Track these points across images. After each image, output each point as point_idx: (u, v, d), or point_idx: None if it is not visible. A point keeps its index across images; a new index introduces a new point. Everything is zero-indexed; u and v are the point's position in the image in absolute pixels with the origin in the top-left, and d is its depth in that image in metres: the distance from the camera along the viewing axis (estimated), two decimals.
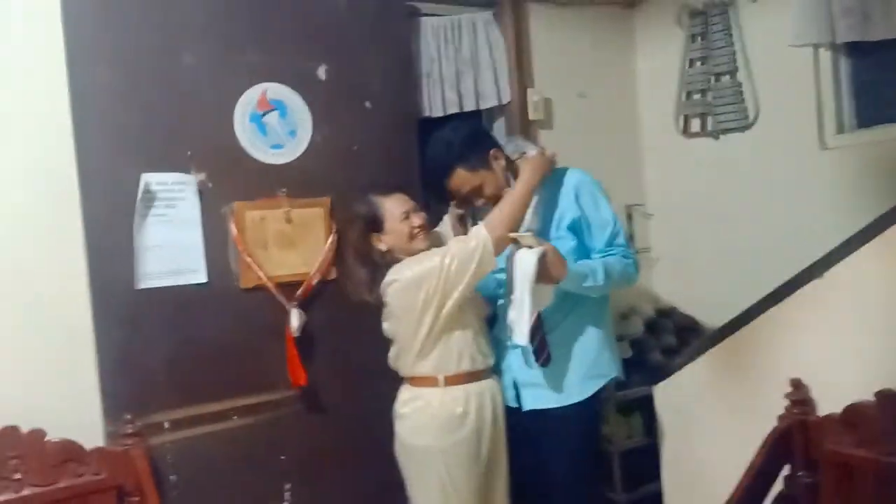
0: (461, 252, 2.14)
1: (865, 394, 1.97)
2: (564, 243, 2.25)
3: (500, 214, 2.18)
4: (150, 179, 2.33)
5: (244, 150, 2.50)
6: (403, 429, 2.28)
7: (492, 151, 2.31)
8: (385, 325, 2.31)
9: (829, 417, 2.07)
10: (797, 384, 2.14)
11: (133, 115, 2.33)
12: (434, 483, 2.20)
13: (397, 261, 2.25)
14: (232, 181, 2.47)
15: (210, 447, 2.40)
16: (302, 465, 2.55)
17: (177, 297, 2.36)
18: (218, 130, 2.45)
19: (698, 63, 3.38)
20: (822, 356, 2.11)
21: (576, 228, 2.29)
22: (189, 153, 2.40)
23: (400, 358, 2.30)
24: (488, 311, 2.39)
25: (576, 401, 2.28)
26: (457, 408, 2.21)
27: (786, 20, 2.95)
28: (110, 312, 2.27)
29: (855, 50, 2.95)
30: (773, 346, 2.24)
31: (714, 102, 3.33)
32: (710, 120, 3.37)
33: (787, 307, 2.22)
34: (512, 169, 2.33)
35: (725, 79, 3.29)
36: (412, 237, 2.26)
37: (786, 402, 2.14)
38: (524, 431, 2.32)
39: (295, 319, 2.47)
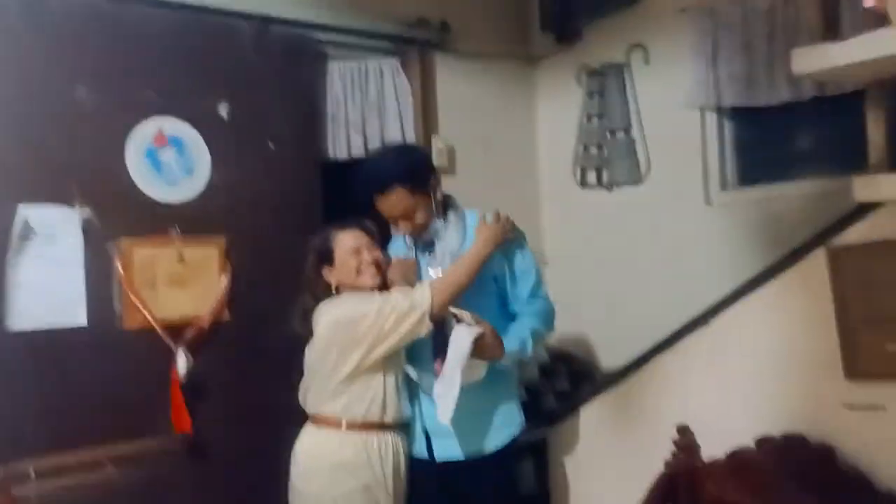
0: (400, 307, 2.08)
1: (748, 439, 2.05)
2: (489, 299, 2.23)
3: (449, 280, 2.14)
4: (29, 213, 2.20)
5: (136, 186, 2.41)
6: (296, 472, 2.19)
7: (432, 179, 2.28)
8: (307, 355, 2.23)
9: (713, 463, 2.13)
10: (683, 430, 2.20)
11: (11, 145, 2.21)
12: None
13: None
14: (121, 218, 2.37)
15: (81, 498, 2.24)
16: None
17: (53, 341, 2.23)
18: (108, 165, 2.37)
19: (595, 119, 3.51)
20: (708, 402, 2.20)
21: (497, 277, 2.27)
22: (75, 187, 2.29)
23: (310, 392, 2.21)
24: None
25: (492, 450, 2.24)
26: (354, 455, 2.14)
27: (677, 83, 3.13)
28: None
29: (739, 113, 3.14)
30: (661, 392, 2.32)
31: (609, 157, 3.46)
32: (605, 173, 3.50)
33: (675, 354, 2.30)
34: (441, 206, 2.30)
35: (620, 135, 3.43)
36: (359, 272, 2.20)
37: (673, 448, 2.20)
38: (436, 484, 2.24)
39: (182, 363, 2.36)
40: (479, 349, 2.03)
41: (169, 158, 2.47)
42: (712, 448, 2.15)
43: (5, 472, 2.10)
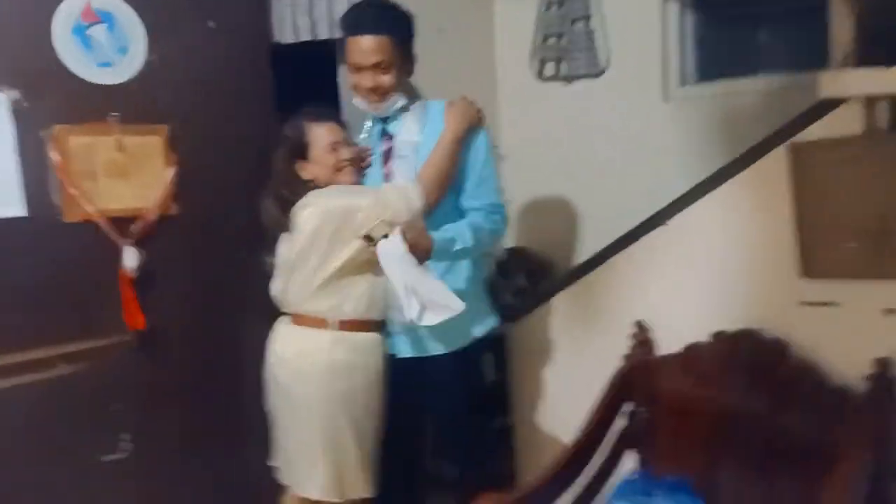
0: (396, 202, 1.98)
1: (705, 336, 2.09)
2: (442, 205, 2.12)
3: (434, 172, 2.06)
4: None
5: (65, 67, 2.19)
6: (285, 373, 2.14)
7: (412, 45, 2.20)
8: (281, 251, 2.14)
9: (667, 357, 2.19)
10: (640, 325, 2.24)
11: None
12: (316, 433, 2.10)
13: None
14: (53, 101, 2.17)
15: (31, 398, 2.16)
16: (141, 413, 2.35)
17: None
18: (34, 43, 2.14)
19: (555, 6, 3.37)
20: (666, 299, 2.22)
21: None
22: (1, 67, 2.08)
23: (291, 291, 2.14)
24: None
25: (459, 347, 2.24)
26: (346, 355, 2.10)
27: None
28: None
29: (701, 4, 3.05)
30: (620, 289, 2.33)
31: (568, 47, 3.35)
32: (563, 65, 3.40)
33: (633, 252, 2.30)
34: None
35: (580, 24, 3.31)
36: (338, 170, 2.11)
37: (630, 343, 2.24)
38: (403, 378, 2.22)
39: (130, 258, 2.24)
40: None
41: (99, 35, 2.25)
42: (669, 345, 2.19)
43: None
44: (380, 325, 2.20)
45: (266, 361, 2.21)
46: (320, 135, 2.13)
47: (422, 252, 1.97)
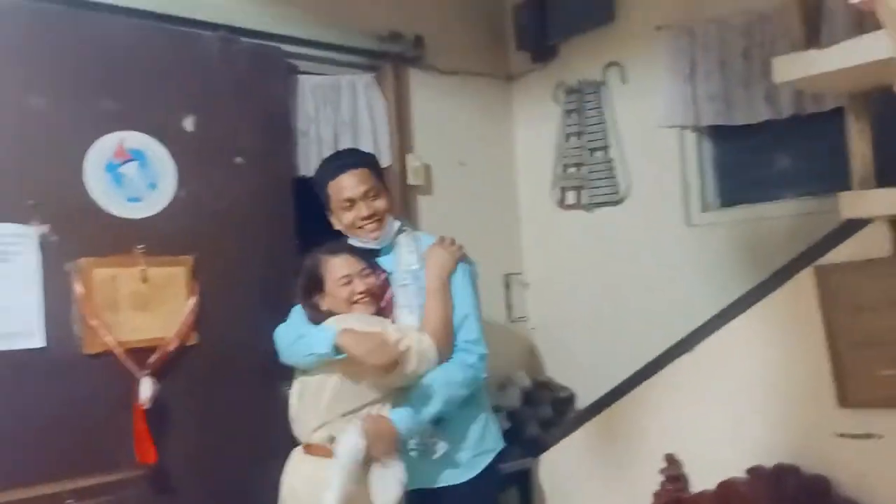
0: (415, 363, 2.04)
1: (738, 470, 1.98)
2: None
3: (437, 325, 2.12)
4: None
5: (95, 202, 2.28)
6: None
7: (385, 181, 2.34)
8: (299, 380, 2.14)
9: (702, 494, 2.06)
10: (671, 459, 2.13)
11: None
12: None
13: None
14: (81, 235, 2.24)
15: None
16: None
17: (7, 363, 2.08)
18: (66, 179, 2.23)
19: (574, 137, 3.45)
20: (696, 431, 2.12)
21: None
22: (31, 202, 2.16)
23: (299, 420, 2.11)
24: None
25: (469, 477, 2.17)
26: (361, 486, 1.98)
27: (655, 102, 3.09)
28: None
29: (719, 132, 3.11)
30: (647, 420, 2.24)
31: (588, 176, 3.40)
32: (584, 193, 3.44)
33: (660, 381, 2.23)
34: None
35: (599, 154, 3.38)
36: (351, 303, 2.13)
37: (661, 478, 2.12)
38: None
39: (146, 389, 2.21)
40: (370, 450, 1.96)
41: (131, 172, 2.35)
42: (701, 479, 2.08)
43: None
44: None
45: (279, 494, 2.13)
46: (334, 268, 2.15)
47: (388, 442, 1.99)
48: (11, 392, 2.09)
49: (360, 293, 2.14)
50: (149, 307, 2.31)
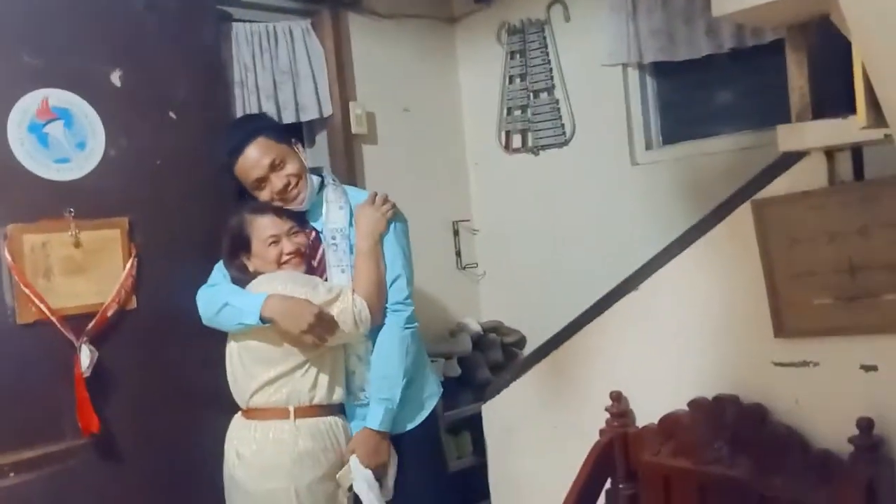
0: (349, 323, 2.05)
1: (681, 403, 2.02)
2: None
3: (369, 287, 2.10)
4: None
5: (21, 165, 2.17)
6: (245, 472, 2.05)
7: (293, 140, 2.23)
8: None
9: (646, 429, 2.10)
10: (617, 396, 2.16)
11: None
12: None
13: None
14: (7, 200, 2.14)
15: None
16: None
17: None
18: None
19: (518, 79, 3.42)
20: (640, 368, 2.15)
21: None
22: None
23: (238, 383, 2.10)
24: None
25: (416, 424, 2.24)
26: (315, 443, 2.04)
27: (598, 40, 3.06)
28: None
29: (661, 70, 3.10)
30: (594, 360, 2.26)
31: (533, 119, 3.38)
32: (530, 136, 3.42)
33: (605, 321, 2.25)
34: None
35: (543, 95, 3.35)
36: (280, 264, 2.09)
37: (606, 416, 2.16)
38: None
39: (85, 357, 2.15)
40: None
41: (56, 132, 2.24)
42: (646, 414, 2.12)
43: None
44: (338, 408, 2.16)
45: (224, 462, 2.13)
46: (260, 228, 2.11)
47: (384, 450, 2.13)
48: None
49: (289, 253, 2.11)
50: (83, 272, 2.24)
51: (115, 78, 2.37)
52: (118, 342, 2.28)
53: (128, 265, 2.31)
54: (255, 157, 2.11)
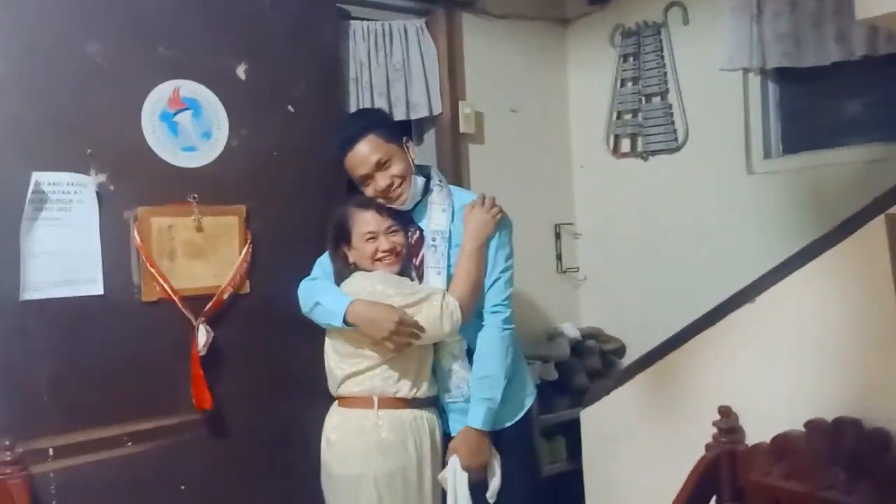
0: (439, 321, 2.08)
1: (796, 423, 1.93)
2: None
3: (465, 288, 2.12)
4: (42, 179, 2.10)
5: (152, 151, 2.30)
6: (332, 457, 2.13)
7: (404, 138, 2.25)
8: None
9: (757, 447, 2.02)
10: (726, 412, 2.08)
11: (25, 108, 2.10)
12: None
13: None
14: (137, 184, 2.27)
15: (100, 476, 2.16)
16: (204, 495, 2.33)
17: (68, 310, 2.13)
18: (123, 128, 2.25)
19: (630, 83, 3.35)
20: (753, 383, 2.07)
21: None
22: (89, 151, 2.18)
23: (332, 372, 2.18)
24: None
25: (507, 424, 2.24)
26: (396, 434, 2.09)
27: (717, 44, 2.97)
28: None
29: (784, 76, 2.97)
30: (702, 372, 2.19)
31: (644, 123, 3.31)
32: (640, 140, 3.35)
33: (717, 332, 2.17)
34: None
35: (656, 100, 3.27)
36: (374, 260, 2.14)
37: (714, 431, 2.08)
38: None
39: (202, 336, 2.26)
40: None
41: (185, 121, 2.36)
42: (757, 432, 2.03)
43: (23, 450, 2.00)
44: (427, 403, 2.19)
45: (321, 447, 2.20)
46: (360, 222, 2.16)
47: (484, 452, 2.15)
48: (74, 338, 2.15)
49: (385, 251, 2.14)
50: (203, 256, 2.35)
51: (241, 71, 2.47)
52: (231, 324, 2.38)
53: (243, 251, 2.41)
54: (363, 153, 2.15)
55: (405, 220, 2.24)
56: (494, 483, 2.17)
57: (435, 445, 2.18)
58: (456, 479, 2.10)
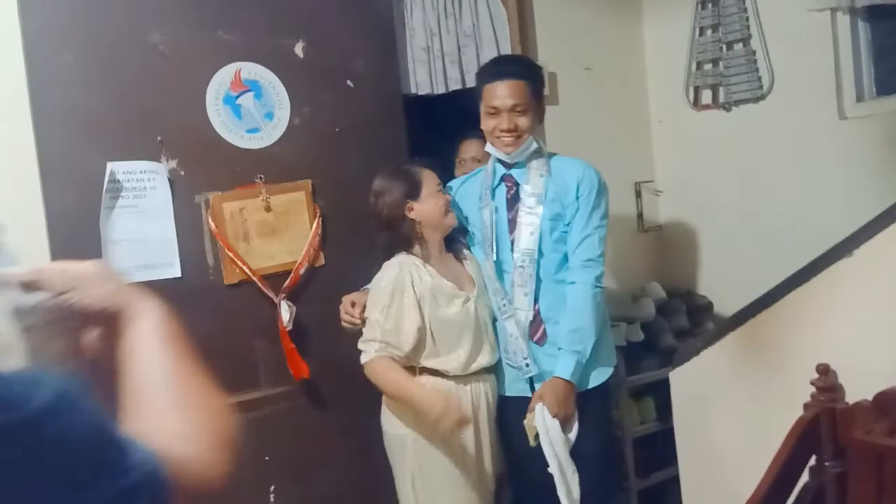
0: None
1: None
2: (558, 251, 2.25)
3: (387, 382, 2.14)
4: (117, 168, 2.16)
5: (218, 135, 2.33)
6: (385, 416, 2.22)
7: (543, 99, 2.35)
8: None
9: (859, 405, 1.90)
10: (824, 370, 1.97)
11: (96, 100, 2.16)
12: (406, 473, 2.15)
13: (417, 235, 2.17)
14: (206, 168, 2.31)
15: None
16: (287, 465, 2.38)
17: (153, 293, 2.19)
18: (190, 114, 2.29)
19: (709, 31, 3.18)
20: (851, 340, 1.95)
21: (561, 215, 2.26)
22: (159, 139, 2.23)
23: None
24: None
25: (597, 384, 2.27)
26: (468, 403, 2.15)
27: None
28: None
29: (875, 14, 2.76)
30: (798, 329, 2.07)
31: (726, 72, 3.14)
32: (721, 91, 3.19)
33: (813, 288, 2.05)
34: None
35: (738, 47, 3.10)
36: (446, 212, 2.19)
37: (812, 389, 1.97)
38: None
39: (285, 312, 2.31)
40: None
41: (248, 104, 2.38)
42: (857, 389, 1.91)
43: None
44: (477, 375, 2.21)
45: None
46: (430, 177, 2.19)
47: (571, 403, 2.14)
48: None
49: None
50: (276, 234, 2.38)
51: (299, 49, 2.46)
52: (311, 297, 2.42)
53: (314, 225, 2.43)
54: (507, 91, 2.20)
55: (457, 245, 2.31)
56: (570, 437, 2.17)
57: (489, 406, 2.23)
58: (546, 423, 2.09)
